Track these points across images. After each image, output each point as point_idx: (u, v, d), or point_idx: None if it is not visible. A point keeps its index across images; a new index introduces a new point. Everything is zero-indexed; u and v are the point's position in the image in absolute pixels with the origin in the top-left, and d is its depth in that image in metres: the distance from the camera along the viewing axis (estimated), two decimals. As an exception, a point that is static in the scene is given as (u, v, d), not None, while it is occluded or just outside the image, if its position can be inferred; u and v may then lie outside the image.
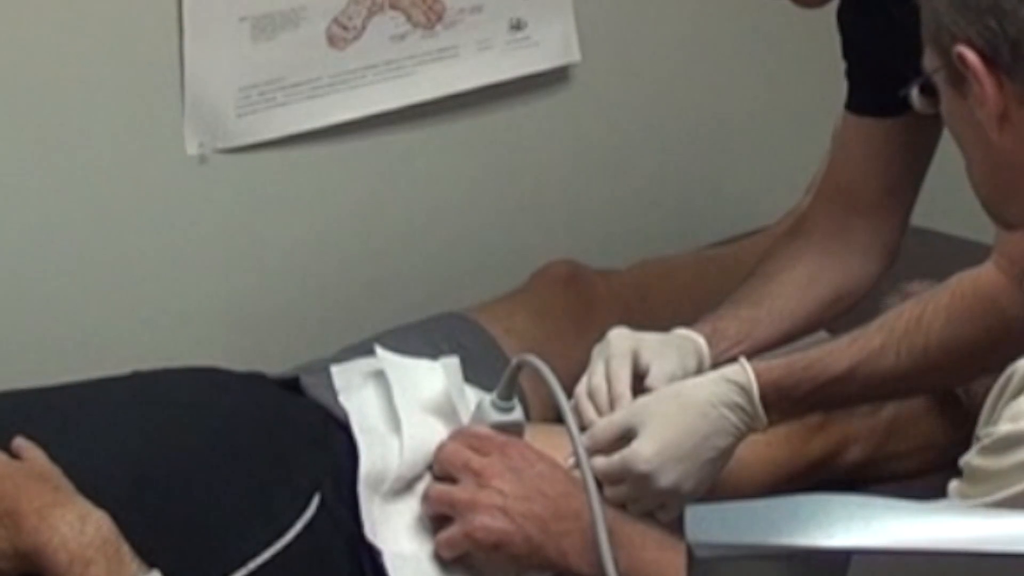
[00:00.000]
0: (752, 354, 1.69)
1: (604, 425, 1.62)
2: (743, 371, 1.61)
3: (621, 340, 1.68)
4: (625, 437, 1.60)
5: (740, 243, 2.38)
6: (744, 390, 1.60)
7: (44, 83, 1.90)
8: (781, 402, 1.62)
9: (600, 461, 1.59)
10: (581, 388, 1.66)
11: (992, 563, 0.86)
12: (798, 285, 1.86)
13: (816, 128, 2.44)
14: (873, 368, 1.64)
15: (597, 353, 1.69)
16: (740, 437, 1.62)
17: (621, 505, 1.60)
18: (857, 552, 0.86)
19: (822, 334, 1.92)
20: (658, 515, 1.61)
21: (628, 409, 1.62)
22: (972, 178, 1.39)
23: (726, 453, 1.62)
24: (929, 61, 1.36)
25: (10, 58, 1.87)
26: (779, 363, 1.64)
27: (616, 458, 1.59)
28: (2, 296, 1.94)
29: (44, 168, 1.93)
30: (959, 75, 1.31)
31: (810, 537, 0.86)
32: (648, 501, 1.60)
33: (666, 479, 1.58)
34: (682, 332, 1.76)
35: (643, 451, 1.58)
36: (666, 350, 1.70)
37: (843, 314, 1.89)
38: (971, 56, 1.28)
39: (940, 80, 1.35)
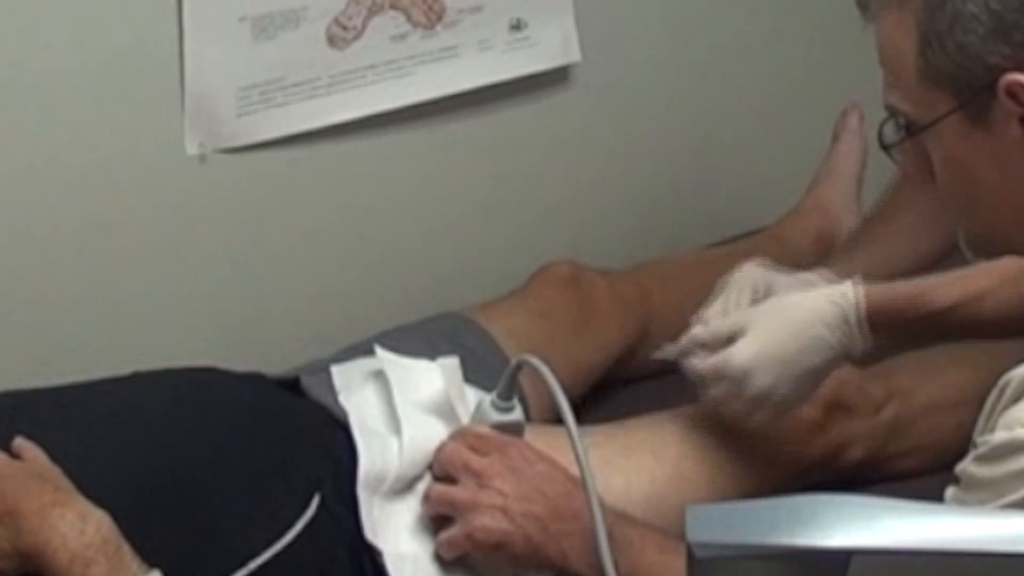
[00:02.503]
0: None
1: (716, 325, 1.72)
2: (850, 293, 1.68)
3: (748, 273, 1.77)
4: (733, 340, 1.70)
5: (740, 243, 2.38)
6: (845, 311, 1.66)
7: (44, 83, 1.90)
8: (883, 327, 1.68)
9: (704, 360, 1.70)
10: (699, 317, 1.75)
11: (992, 563, 0.86)
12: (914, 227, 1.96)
13: (816, 128, 2.44)
14: (973, 312, 1.70)
15: (721, 285, 1.77)
16: (837, 357, 1.69)
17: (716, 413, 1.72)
18: (857, 552, 0.86)
19: None
20: (749, 421, 1.70)
21: (741, 314, 1.72)
22: (984, 218, 1.37)
23: (821, 371, 1.70)
24: (927, 108, 1.34)
25: (10, 58, 1.87)
26: (885, 288, 1.70)
27: (718, 358, 1.69)
28: (2, 296, 1.94)
29: (44, 168, 1.93)
30: (982, 110, 1.30)
31: (810, 537, 0.86)
32: (741, 404, 1.70)
33: (759, 383, 1.68)
34: (810, 276, 1.80)
35: (739, 354, 1.69)
36: (794, 287, 1.76)
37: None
38: None
39: (947, 124, 1.33)
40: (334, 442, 1.66)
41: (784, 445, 1.83)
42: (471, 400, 1.70)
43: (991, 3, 1.27)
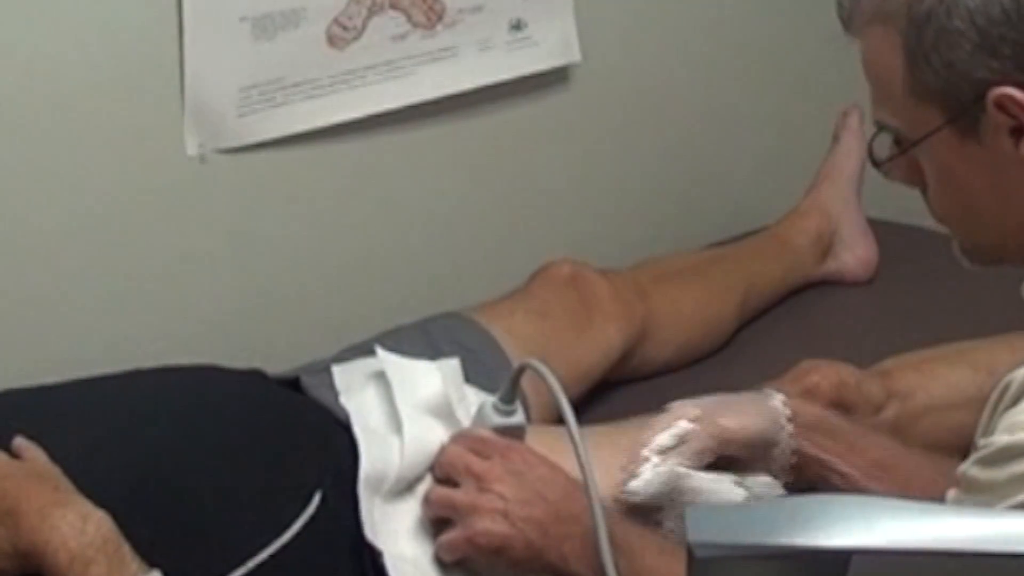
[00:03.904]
0: None
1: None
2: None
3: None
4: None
5: (740, 243, 2.38)
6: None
7: (44, 83, 1.90)
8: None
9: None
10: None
11: (992, 563, 0.86)
12: None
13: (816, 128, 2.44)
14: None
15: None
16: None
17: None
18: (857, 552, 0.86)
19: None
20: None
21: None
22: (978, 228, 1.38)
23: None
24: (918, 124, 1.34)
25: (10, 58, 1.87)
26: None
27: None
28: (2, 296, 1.94)
29: (44, 169, 1.93)
30: (972, 123, 1.30)
31: (810, 537, 0.87)
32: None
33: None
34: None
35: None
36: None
37: None
38: (1018, 93, 1.27)
39: (939, 138, 1.33)
40: (335, 442, 1.66)
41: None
42: (472, 401, 1.70)
43: (976, 18, 1.28)
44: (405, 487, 1.63)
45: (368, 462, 1.62)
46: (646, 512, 1.58)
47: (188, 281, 2.07)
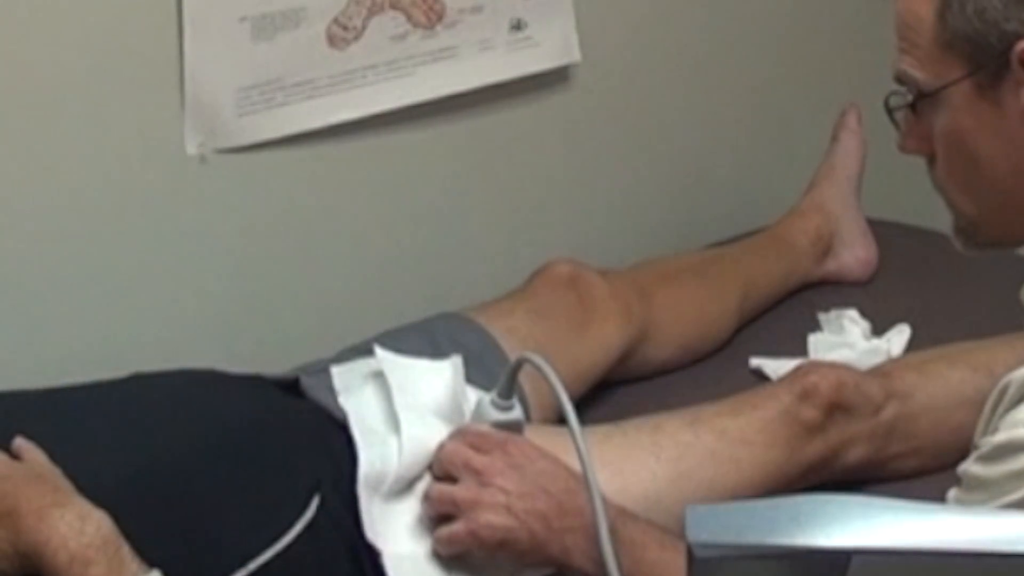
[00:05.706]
0: None
1: None
2: None
3: None
4: None
5: (740, 243, 2.38)
6: None
7: (44, 83, 1.90)
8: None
9: None
10: None
11: (992, 563, 0.86)
12: None
13: (816, 128, 2.44)
14: None
15: None
16: None
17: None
18: (857, 552, 0.86)
19: None
20: None
21: None
22: (975, 199, 1.37)
23: None
24: (939, 74, 1.34)
25: (10, 58, 1.87)
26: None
27: None
28: (2, 296, 1.94)
29: (44, 168, 1.93)
30: (993, 79, 1.30)
31: (810, 537, 0.87)
32: None
33: None
34: None
35: None
36: None
37: None
38: None
39: (957, 92, 1.33)
40: (334, 443, 1.66)
41: (784, 446, 1.83)
42: (471, 400, 1.70)
43: None
44: (404, 486, 1.63)
45: (367, 462, 1.62)
46: None
47: (188, 281, 2.07)
